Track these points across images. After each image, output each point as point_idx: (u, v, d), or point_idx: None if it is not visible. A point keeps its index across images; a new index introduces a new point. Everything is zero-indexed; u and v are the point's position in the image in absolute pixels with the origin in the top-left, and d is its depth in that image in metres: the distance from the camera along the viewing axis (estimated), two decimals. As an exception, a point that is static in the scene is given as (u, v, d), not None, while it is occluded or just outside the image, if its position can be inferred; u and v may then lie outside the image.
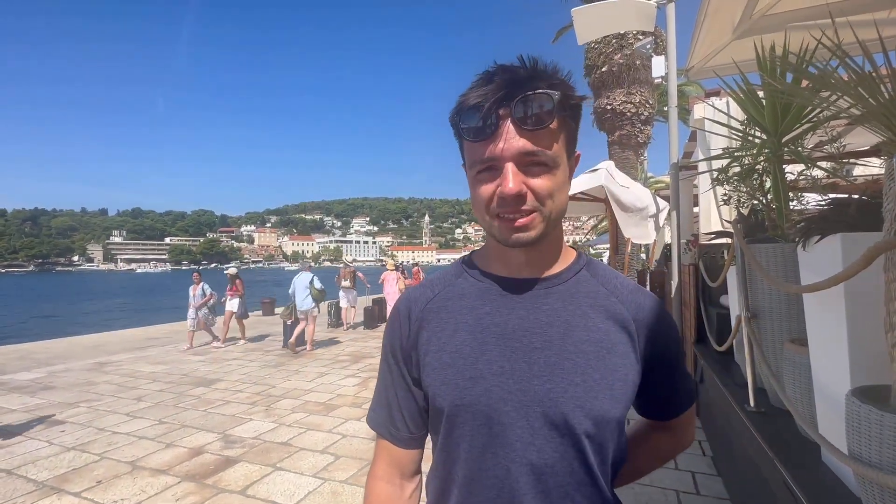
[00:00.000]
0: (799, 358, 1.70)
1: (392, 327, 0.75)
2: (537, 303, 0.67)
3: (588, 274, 0.71)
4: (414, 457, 0.75)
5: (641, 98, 9.69)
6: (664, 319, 0.71)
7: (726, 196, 2.60)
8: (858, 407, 1.08)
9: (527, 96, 0.56)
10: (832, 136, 1.89)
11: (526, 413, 0.62)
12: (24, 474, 3.26)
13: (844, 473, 1.41)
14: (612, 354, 0.65)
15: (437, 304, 0.72)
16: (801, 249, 1.50)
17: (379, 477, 0.74)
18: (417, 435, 0.74)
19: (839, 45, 1.18)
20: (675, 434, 0.82)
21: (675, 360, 0.74)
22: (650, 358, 0.69)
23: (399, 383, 0.73)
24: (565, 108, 0.59)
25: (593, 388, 0.62)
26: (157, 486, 3.04)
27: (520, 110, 0.56)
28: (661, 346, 0.70)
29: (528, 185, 0.59)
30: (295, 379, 5.87)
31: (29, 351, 8.13)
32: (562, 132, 0.61)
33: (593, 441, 0.62)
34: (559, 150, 0.60)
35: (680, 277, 4.70)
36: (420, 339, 0.70)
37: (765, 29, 2.62)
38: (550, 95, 0.57)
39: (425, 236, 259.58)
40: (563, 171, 0.62)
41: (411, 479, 0.75)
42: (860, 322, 1.24)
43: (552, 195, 0.60)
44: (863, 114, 1.14)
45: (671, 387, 0.76)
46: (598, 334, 0.65)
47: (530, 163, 0.59)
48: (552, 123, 0.58)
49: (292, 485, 3.02)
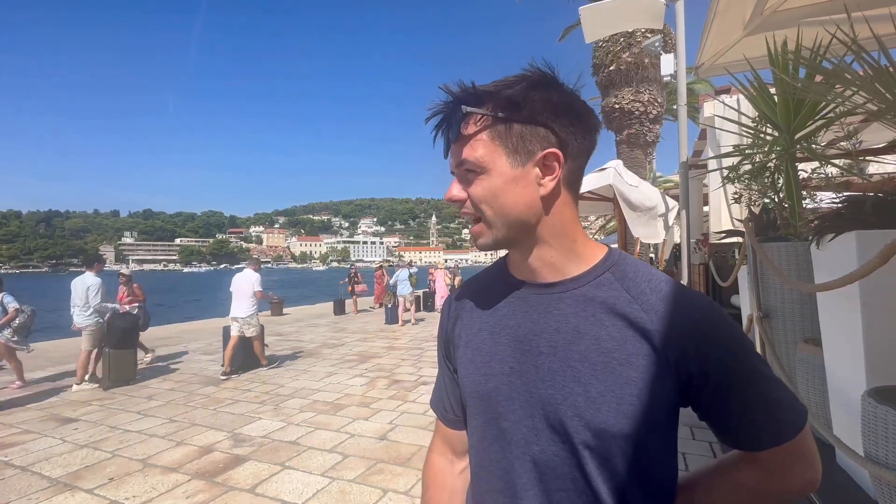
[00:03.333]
0: (812, 358, 1.68)
1: (441, 319, 0.83)
2: (550, 307, 0.67)
3: (612, 277, 0.66)
4: (462, 437, 0.79)
5: (650, 96, 9.60)
6: (711, 329, 0.61)
7: (737, 194, 2.57)
8: (875, 408, 1.06)
9: (445, 117, 0.64)
10: (847, 132, 1.86)
11: (531, 413, 0.64)
12: (39, 471, 3.31)
13: (860, 475, 1.39)
14: (624, 367, 0.60)
15: (470, 301, 0.77)
16: (814, 248, 1.48)
17: (435, 451, 0.84)
18: (463, 417, 0.78)
19: (854, 39, 1.16)
20: (771, 472, 0.65)
21: (737, 377, 0.60)
22: (692, 375, 0.60)
23: (445, 371, 0.81)
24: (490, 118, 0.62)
25: (595, 400, 0.60)
26: (168, 483, 3.08)
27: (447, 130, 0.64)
28: (708, 361, 0.60)
29: (468, 192, 0.65)
30: (303, 378, 5.91)
31: (43, 350, 8.27)
32: (489, 137, 0.63)
33: (595, 453, 0.60)
34: (489, 156, 0.62)
35: (690, 277, 4.66)
36: (455, 331, 0.77)
37: (777, 25, 2.58)
38: (455, 110, 0.62)
39: (432, 237, 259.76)
40: (501, 173, 0.63)
41: (462, 457, 0.81)
42: (876, 321, 1.22)
43: (485, 199, 0.63)
44: (879, 109, 1.12)
45: (740, 410, 0.61)
46: (609, 343, 0.61)
47: (464, 172, 0.65)
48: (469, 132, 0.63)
49: (300, 483, 3.04)
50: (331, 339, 8.98)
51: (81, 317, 5.76)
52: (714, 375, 0.60)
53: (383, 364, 6.59)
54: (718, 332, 0.61)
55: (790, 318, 1.98)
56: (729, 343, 0.61)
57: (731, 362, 0.61)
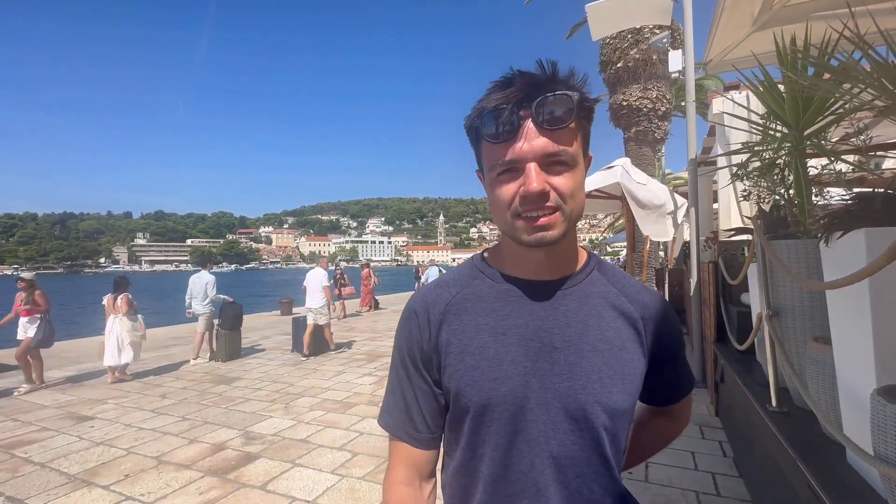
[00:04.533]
0: (822, 356, 1.66)
1: (409, 328, 0.73)
2: (555, 304, 0.69)
3: (599, 274, 0.75)
4: (432, 457, 0.74)
5: (658, 93, 9.51)
6: (667, 315, 0.76)
7: (746, 192, 2.55)
8: (884, 406, 1.05)
9: (546, 98, 0.58)
10: (858, 128, 1.83)
11: (547, 409, 0.65)
12: (57, 468, 3.39)
13: (870, 475, 1.38)
14: (623, 351, 0.69)
15: (456, 305, 0.71)
16: (823, 245, 1.47)
17: (398, 482, 0.71)
18: (437, 434, 0.74)
19: (861, 36, 1.15)
20: (675, 418, 0.89)
21: (679, 351, 0.79)
22: (656, 351, 0.74)
23: (419, 384, 0.71)
24: (582, 110, 0.62)
25: (608, 384, 0.66)
26: (182, 480, 3.13)
27: (540, 111, 0.58)
28: (666, 340, 0.75)
29: (550, 184, 0.60)
30: (313, 377, 5.96)
31: (60, 349, 8.44)
32: (579, 133, 0.63)
33: (609, 432, 0.66)
34: (577, 150, 0.63)
35: (699, 275, 4.62)
36: (440, 340, 0.70)
37: (785, 20, 2.56)
38: (570, 96, 0.59)
39: (440, 236, 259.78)
40: (581, 170, 0.65)
41: (428, 481, 0.74)
42: (886, 319, 1.21)
43: (573, 194, 0.62)
44: (887, 105, 1.11)
45: (675, 376, 0.81)
46: (610, 332, 0.69)
47: (552, 162, 0.60)
48: (571, 124, 0.60)
49: (311, 481, 3.07)
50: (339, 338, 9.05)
51: (199, 305, 7.17)
52: (665, 352, 0.75)
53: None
54: (672, 315, 0.77)
55: (800, 316, 1.96)
56: (677, 325, 0.79)
57: (676, 342, 0.78)
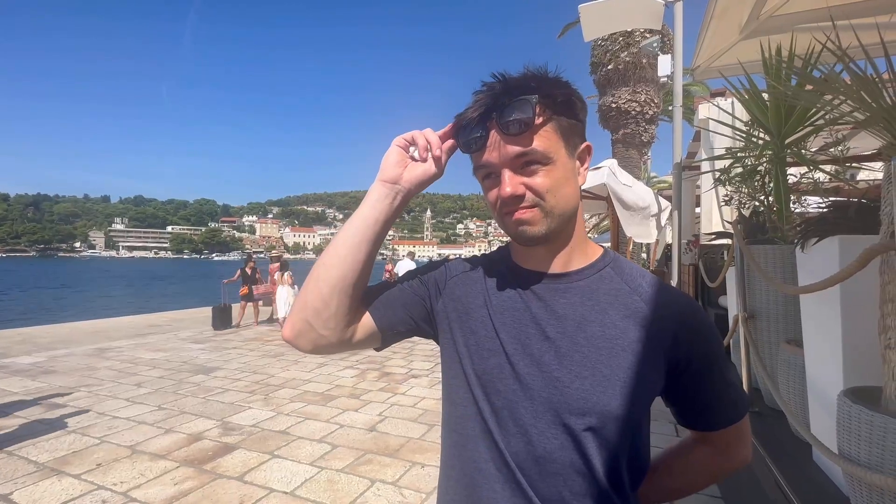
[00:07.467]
0: (794, 358, 1.72)
1: (433, 267, 0.80)
2: (556, 296, 0.69)
3: (612, 271, 0.72)
4: (369, 327, 0.74)
5: (647, 97, 9.64)
6: (697, 322, 0.68)
7: (728, 197, 2.61)
8: (850, 407, 1.10)
9: (505, 108, 0.61)
10: (837, 138, 1.89)
11: (531, 395, 0.65)
12: (25, 455, 3.30)
13: (834, 472, 1.43)
14: (627, 352, 0.64)
15: (475, 274, 0.77)
16: (799, 251, 1.51)
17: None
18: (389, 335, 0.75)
19: (842, 49, 1.18)
20: (721, 449, 0.75)
21: (714, 365, 0.69)
22: (680, 361, 0.66)
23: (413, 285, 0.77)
24: (548, 107, 0.63)
25: (601, 383, 0.63)
26: (156, 470, 3.08)
27: (502, 119, 0.62)
28: (696, 350, 0.67)
29: (526, 185, 0.63)
30: (294, 369, 5.91)
31: (31, 335, 8.18)
32: (553, 128, 0.64)
33: (597, 435, 0.62)
34: (552, 146, 0.63)
35: (680, 277, 4.71)
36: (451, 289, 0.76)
37: (772, 30, 2.61)
38: (527, 100, 0.61)
39: (427, 231, 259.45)
40: (563, 164, 0.64)
41: (359, 310, 0.73)
42: (855, 324, 1.26)
43: (550, 190, 0.63)
44: (865, 118, 1.15)
45: (711, 395, 0.70)
46: (613, 331, 0.65)
47: (524, 163, 0.63)
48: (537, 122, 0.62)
49: (289, 472, 3.05)
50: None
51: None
52: (695, 363, 0.67)
53: (374, 356, 6.61)
54: (701, 324, 0.68)
55: (774, 319, 2.02)
56: (708, 334, 0.69)
57: (710, 352, 0.69)
